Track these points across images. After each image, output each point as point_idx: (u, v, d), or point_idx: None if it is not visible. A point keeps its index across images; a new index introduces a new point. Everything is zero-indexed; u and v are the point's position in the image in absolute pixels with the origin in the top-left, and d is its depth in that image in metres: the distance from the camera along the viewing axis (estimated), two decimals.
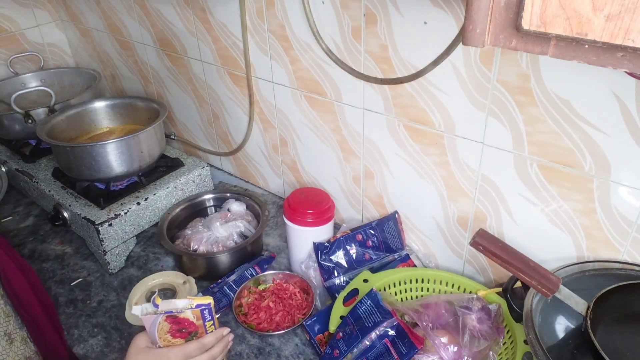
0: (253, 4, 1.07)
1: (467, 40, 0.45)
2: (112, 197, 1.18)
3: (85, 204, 1.17)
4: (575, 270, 0.81)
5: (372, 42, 0.92)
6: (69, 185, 1.24)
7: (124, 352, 0.94)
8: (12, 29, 1.63)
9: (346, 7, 0.92)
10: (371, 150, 1.05)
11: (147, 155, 1.20)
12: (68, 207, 1.17)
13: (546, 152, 0.81)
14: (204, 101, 1.37)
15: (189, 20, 1.25)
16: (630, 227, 0.78)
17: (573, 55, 0.41)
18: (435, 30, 0.82)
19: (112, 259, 1.13)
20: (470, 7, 0.43)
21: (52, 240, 1.24)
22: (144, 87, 1.57)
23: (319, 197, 1.03)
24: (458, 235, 1.01)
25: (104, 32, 1.56)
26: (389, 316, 0.84)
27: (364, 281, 0.96)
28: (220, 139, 1.42)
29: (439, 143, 0.93)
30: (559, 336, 0.78)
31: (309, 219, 1.00)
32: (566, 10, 0.39)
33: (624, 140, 0.72)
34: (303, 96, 1.11)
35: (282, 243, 1.18)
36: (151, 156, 1.22)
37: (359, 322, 0.85)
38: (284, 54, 1.08)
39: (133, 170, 1.19)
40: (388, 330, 0.83)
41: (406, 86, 0.92)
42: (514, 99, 0.80)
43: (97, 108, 1.36)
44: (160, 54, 1.41)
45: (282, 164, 1.28)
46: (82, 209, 1.15)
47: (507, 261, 0.74)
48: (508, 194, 0.89)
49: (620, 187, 0.76)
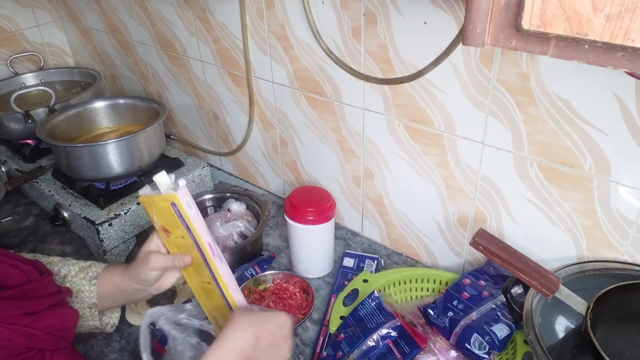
0: (253, 4, 1.07)
1: (467, 40, 0.45)
2: (112, 197, 1.18)
3: (85, 204, 1.17)
4: (575, 270, 0.81)
5: (372, 42, 0.92)
6: (69, 185, 1.24)
7: (124, 352, 0.94)
8: (12, 29, 1.63)
9: (346, 7, 0.92)
10: (371, 150, 1.05)
11: (147, 155, 1.20)
12: (68, 207, 1.17)
13: (546, 152, 0.81)
14: (204, 101, 1.37)
15: (189, 20, 1.25)
16: (630, 227, 0.78)
17: (573, 55, 0.41)
18: (435, 30, 0.82)
19: (112, 259, 1.13)
20: (470, 7, 0.43)
21: (52, 240, 1.24)
22: (144, 87, 1.57)
23: (319, 195, 1.03)
24: (458, 235, 1.01)
25: (104, 32, 1.56)
26: (391, 317, 0.84)
27: (364, 281, 0.96)
28: (220, 139, 1.42)
29: (439, 143, 0.93)
30: (559, 336, 0.78)
31: (310, 217, 1.00)
32: (566, 10, 0.39)
33: (624, 140, 0.72)
34: (303, 96, 1.11)
35: (282, 243, 1.18)
36: (151, 156, 1.22)
37: (361, 324, 0.85)
38: (284, 54, 1.08)
39: (133, 170, 1.19)
40: (390, 331, 0.83)
41: (406, 86, 0.92)
42: (514, 99, 0.80)
43: (97, 108, 1.36)
44: (160, 54, 1.41)
45: (282, 164, 1.28)
46: (82, 209, 1.15)
47: (507, 261, 0.75)
48: (508, 194, 0.89)
49: (620, 187, 0.76)
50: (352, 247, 1.17)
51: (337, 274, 1.07)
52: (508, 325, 0.81)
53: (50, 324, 0.69)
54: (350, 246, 1.17)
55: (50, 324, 0.69)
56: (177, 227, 0.71)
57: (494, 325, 0.81)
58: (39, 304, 0.70)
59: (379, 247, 1.16)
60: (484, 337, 0.80)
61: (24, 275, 0.71)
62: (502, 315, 0.83)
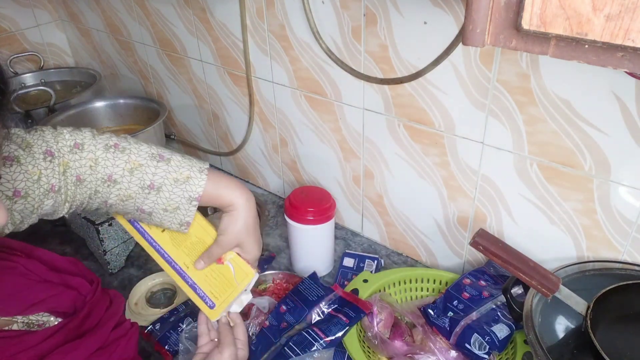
0: (253, 4, 1.07)
1: (467, 40, 0.45)
2: None
3: None
4: (575, 270, 0.81)
5: (372, 42, 0.92)
6: None
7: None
8: (12, 29, 1.63)
9: (346, 7, 0.92)
10: (371, 150, 1.05)
11: None
12: None
13: (546, 152, 0.81)
14: (204, 101, 1.37)
15: (189, 20, 1.25)
16: (630, 227, 0.78)
17: (573, 55, 0.41)
18: (435, 30, 0.82)
19: (112, 258, 1.13)
20: (470, 7, 0.43)
21: (52, 240, 1.24)
22: (144, 87, 1.57)
23: (319, 195, 1.03)
24: (458, 235, 1.01)
25: (104, 32, 1.56)
26: (330, 291, 0.93)
27: (364, 281, 0.96)
28: (220, 139, 1.42)
29: (439, 143, 0.93)
30: (559, 336, 0.78)
31: (310, 217, 1.00)
32: (566, 10, 0.39)
33: (624, 140, 0.72)
34: (303, 96, 1.11)
35: (282, 243, 1.18)
36: None
37: (301, 297, 0.93)
38: (284, 53, 1.08)
39: None
40: (331, 302, 0.91)
41: (406, 86, 0.92)
42: (514, 99, 0.80)
43: (97, 108, 1.36)
44: (160, 54, 1.41)
45: (282, 163, 1.28)
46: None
47: (507, 261, 0.75)
48: (508, 194, 0.89)
49: (620, 187, 0.76)
50: (352, 247, 1.17)
51: (337, 274, 1.07)
52: (508, 325, 0.82)
53: (127, 352, 0.66)
54: (350, 246, 1.17)
55: (127, 352, 0.66)
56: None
57: (494, 325, 0.81)
58: (106, 327, 0.65)
59: (379, 247, 1.16)
60: (484, 337, 0.80)
61: (75, 294, 0.66)
62: (502, 316, 0.83)
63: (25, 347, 0.57)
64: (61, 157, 0.68)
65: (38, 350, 0.58)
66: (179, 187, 0.72)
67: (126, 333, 0.68)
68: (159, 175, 0.71)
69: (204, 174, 0.74)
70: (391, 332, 0.89)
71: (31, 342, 0.58)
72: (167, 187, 0.72)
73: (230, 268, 0.77)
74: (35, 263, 0.66)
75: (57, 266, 0.69)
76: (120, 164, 0.70)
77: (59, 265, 0.69)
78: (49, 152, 0.66)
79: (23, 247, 0.68)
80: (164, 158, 0.73)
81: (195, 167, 0.74)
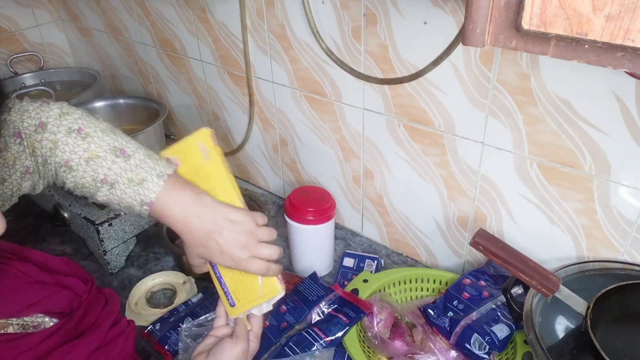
0: (253, 4, 1.07)
1: (467, 40, 0.45)
2: None
3: (85, 203, 1.17)
4: (575, 270, 0.81)
5: (372, 42, 0.92)
6: None
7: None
8: (12, 29, 1.63)
9: (346, 7, 0.92)
10: (371, 150, 1.05)
11: None
12: (68, 207, 1.17)
13: (546, 152, 0.81)
14: (204, 101, 1.37)
15: (189, 20, 1.25)
16: (630, 227, 0.78)
17: (573, 55, 0.41)
18: (435, 30, 0.82)
19: (112, 259, 1.13)
20: (470, 7, 0.43)
21: (52, 240, 1.24)
22: (144, 87, 1.57)
23: (319, 195, 1.03)
24: (458, 235, 1.01)
25: (104, 32, 1.56)
26: (330, 291, 0.93)
27: (364, 281, 0.96)
28: (220, 139, 1.41)
29: (439, 143, 0.93)
30: (559, 336, 0.78)
31: (310, 217, 1.00)
32: (566, 10, 0.39)
33: (624, 140, 0.72)
34: (303, 96, 1.11)
35: (282, 243, 1.18)
36: None
37: (301, 297, 0.94)
38: (284, 53, 1.08)
39: None
40: (331, 302, 0.92)
41: (406, 86, 0.92)
42: (514, 99, 0.80)
43: (97, 108, 1.36)
44: (160, 54, 1.41)
45: (282, 163, 1.28)
46: (82, 209, 1.15)
47: (507, 261, 0.75)
48: (508, 194, 0.89)
49: (620, 187, 0.76)
50: (352, 247, 1.17)
51: (337, 274, 1.07)
52: (508, 325, 0.82)
53: (124, 350, 0.66)
54: (350, 246, 1.17)
55: (124, 350, 0.66)
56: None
57: (494, 325, 0.81)
58: (103, 327, 0.65)
59: (379, 247, 1.16)
60: (484, 337, 0.80)
61: (70, 294, 0.65)
62: (502, 316, 0.83)
63: (24, 349, 0.57)
64: (28, 138, 0.66)
65: (37, 352, 0.58)
66: (132, 188, 0.67)
67: (123, 331, 0.68)
68: (113, 171, 0.67)
69: (162, 179, 0.67)
70: (391, 332, 0.89)
71: (29, 344, 0.58)
72: (120, 186, 0.67)
73: (258, 277, 0.75)
74: (28, 265, 0.65)
75: (50, 267, 0.68)
76: (79, 151, 0.67)
77: (52, 266, 0.68)
78: (17, 134, 0.65)
79: (14, 248, 0.68)
80: (125, 154, 0.68)
81: (155, 171, 0.67)
